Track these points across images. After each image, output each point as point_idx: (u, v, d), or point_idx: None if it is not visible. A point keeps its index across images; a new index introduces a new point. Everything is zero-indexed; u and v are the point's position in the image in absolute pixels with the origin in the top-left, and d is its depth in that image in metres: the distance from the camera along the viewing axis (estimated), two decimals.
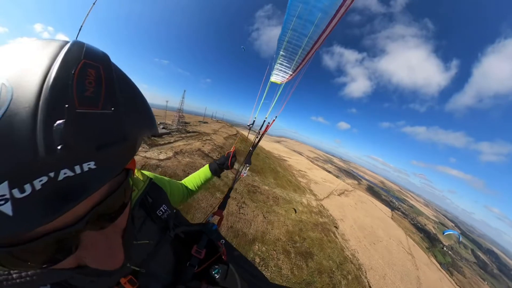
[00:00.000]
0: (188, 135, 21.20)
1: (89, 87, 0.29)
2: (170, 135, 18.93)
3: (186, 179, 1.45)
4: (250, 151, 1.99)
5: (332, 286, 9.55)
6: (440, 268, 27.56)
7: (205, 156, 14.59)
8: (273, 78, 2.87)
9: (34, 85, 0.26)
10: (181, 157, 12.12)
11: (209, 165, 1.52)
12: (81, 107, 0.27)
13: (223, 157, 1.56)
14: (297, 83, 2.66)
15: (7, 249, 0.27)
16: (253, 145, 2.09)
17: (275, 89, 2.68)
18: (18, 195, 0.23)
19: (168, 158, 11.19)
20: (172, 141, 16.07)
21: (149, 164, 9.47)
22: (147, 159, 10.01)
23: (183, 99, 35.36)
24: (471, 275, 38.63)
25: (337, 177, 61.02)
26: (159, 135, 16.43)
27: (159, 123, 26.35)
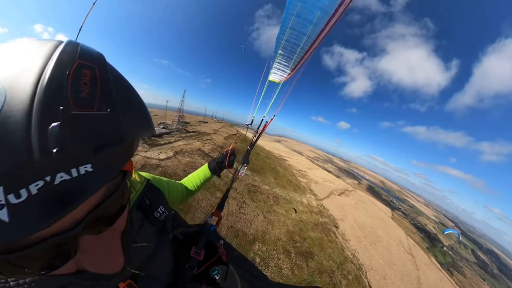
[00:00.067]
0: (188, 135, 21.15)
1: (84, 88, 0.28)
2: (170, 135, 18.89)
3: (185, 179, 1.43)
4: (247, 150, 1.96)
5: (332, 286, 9.54)
6: (440, 268, 27.46)
7: (205, 156, 14.58)
8: (272, 77, 2.86)
9: (28, 86, 0.25)
10: (181, 157, 12.11)
11: (208, 164, 1.49)
12: (76, 109, 0.26)
13: (223, 156, 1.52)
14: (295, 82, 2.65)
15: (4, 256, 0.26)
16: (250, 144, 2.06)
17: (274, 88, 2.67)
18: (14, 201, 0.22)
19: (168, 157, 11.18)
20: (172, 141, 16.04)
21: (149, 164, 9.46)
22: (147, 159, 10.00)
23: (183, 99, 35.28)
24: (471, 275, 38.55)
25: (337, 177, 60.89)
26: (158, 135, 16.44)
27: (159, 123, 26.34)
